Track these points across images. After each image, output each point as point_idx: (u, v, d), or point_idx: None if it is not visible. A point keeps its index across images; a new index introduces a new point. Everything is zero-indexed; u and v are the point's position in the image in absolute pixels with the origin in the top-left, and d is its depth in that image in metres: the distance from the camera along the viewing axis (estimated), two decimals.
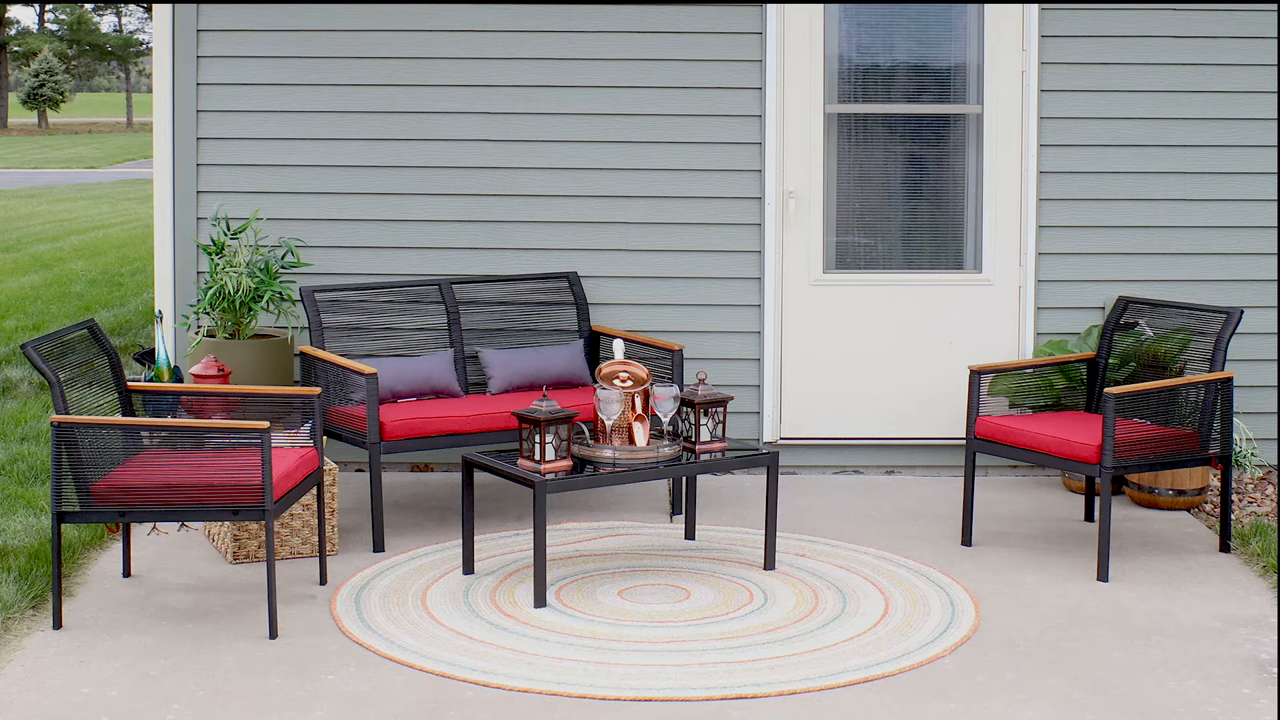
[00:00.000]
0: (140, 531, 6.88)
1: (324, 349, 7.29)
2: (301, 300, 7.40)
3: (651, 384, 6.41)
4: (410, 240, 8.00)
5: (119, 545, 6.68)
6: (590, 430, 6.36)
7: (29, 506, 7.14)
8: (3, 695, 5.11)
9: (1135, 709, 5.09)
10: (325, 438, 7.01)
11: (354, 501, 7.44)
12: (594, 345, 7.83)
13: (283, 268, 7.60)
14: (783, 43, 7.90)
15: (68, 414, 5.71)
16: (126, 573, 6.32)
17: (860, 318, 8.05)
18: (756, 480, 7.94)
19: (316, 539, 6.52)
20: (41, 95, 65.65)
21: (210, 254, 7.47)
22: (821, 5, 7.91)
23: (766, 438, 8.06)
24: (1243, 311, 6.85)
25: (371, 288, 7.55)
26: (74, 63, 75.86)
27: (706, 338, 8.02)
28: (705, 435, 6.37)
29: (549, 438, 6.00)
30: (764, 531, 6.63)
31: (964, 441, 6.89)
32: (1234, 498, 7.54)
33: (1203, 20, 7.92)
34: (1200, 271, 8.03)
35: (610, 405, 6.21)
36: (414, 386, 7.22)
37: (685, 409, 6.41)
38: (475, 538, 6.62)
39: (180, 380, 7.36)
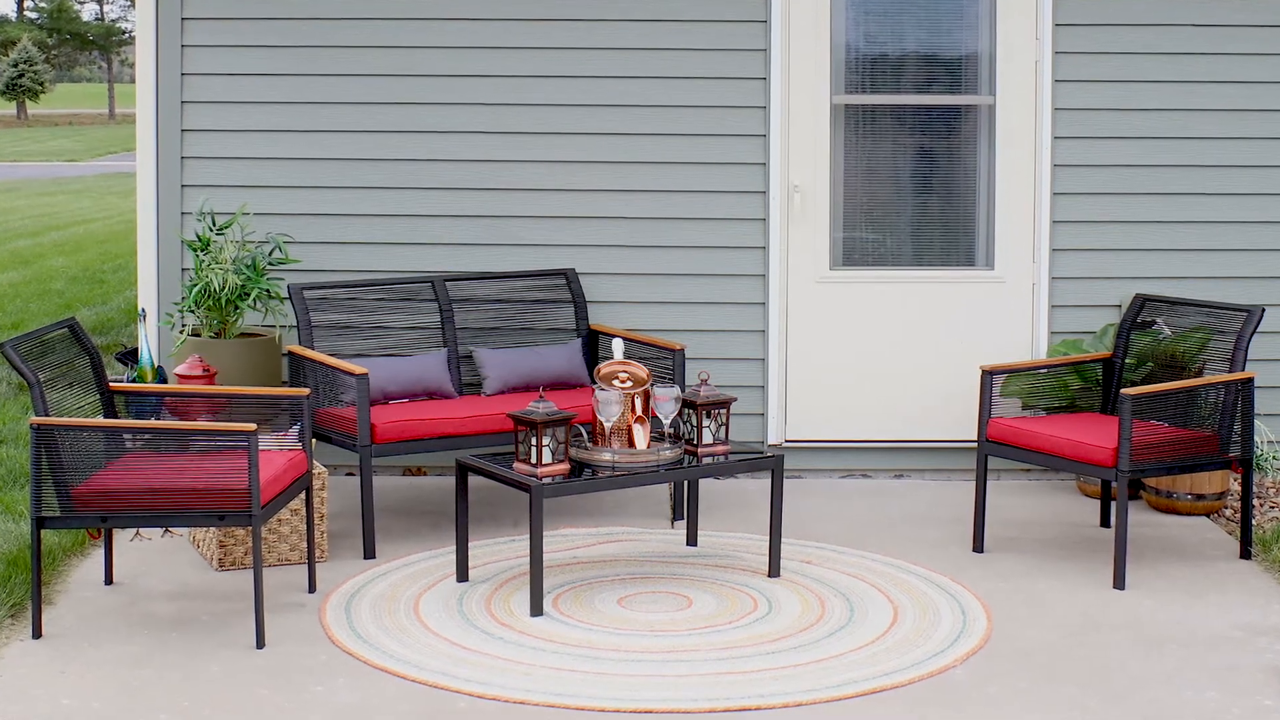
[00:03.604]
0: (123, 537, 6.86)
1: (313, 348, 7.28)
2: (289, 298, 7.39)
3: (652, 385, 6.41)
4: (402, 236, 7.96)
5: (100, 552, 6.67)
6: (589, 432, 6.34)
7: (7, 511, 7.11)
8: None
9: None
10: (314, 440, 7.00)
11: (344, 506, 7.42)
12: (592, 345, 7.80)
13: (270, 264, 7.59)
14: (787, 31, 7.87)
15: (48, 416, 5.70)
16: (108, 580, 6.31)
17: (868, 316, 8.02)
18: (760, 484, 7.92)
19: (305, 545, 6.50)
20: (20, 86, 65.85)
21: (195, 250, 7.49)
22: None
23: (771, 440, 8.04)
24: (1264, 309, 6.82)
25: (362, 285, 7.54)
26: (54, 52, 76.21)
27: (709, 337, 7.99)
28: (707, 438, 6.37)
29: (546, 440, 6.00)
30: (768, 537, 6.64)
31: (975, 444, 6.89)
32: (1255, 502, 7.51)
33: (1222, 9, 7.91)
34: (1220, 268, 8.01)
35: (609, 407, 6.19)
36: (406, 387, 7.20)
37: (687, 410, 6.40)
38: (470, 544, 6.65)
39: (164, 381, 7.39)
